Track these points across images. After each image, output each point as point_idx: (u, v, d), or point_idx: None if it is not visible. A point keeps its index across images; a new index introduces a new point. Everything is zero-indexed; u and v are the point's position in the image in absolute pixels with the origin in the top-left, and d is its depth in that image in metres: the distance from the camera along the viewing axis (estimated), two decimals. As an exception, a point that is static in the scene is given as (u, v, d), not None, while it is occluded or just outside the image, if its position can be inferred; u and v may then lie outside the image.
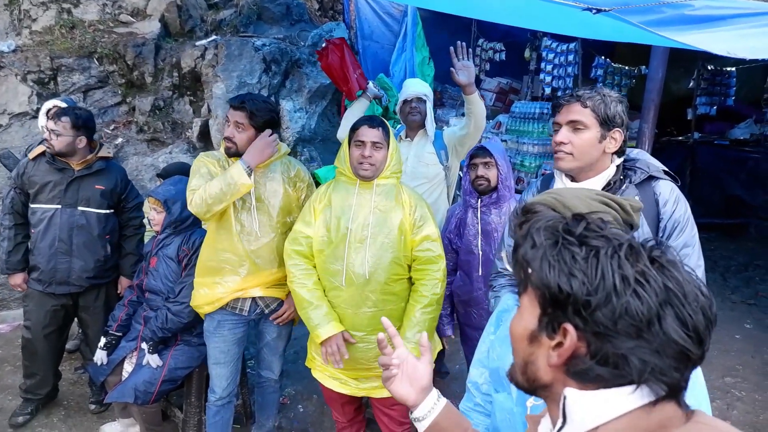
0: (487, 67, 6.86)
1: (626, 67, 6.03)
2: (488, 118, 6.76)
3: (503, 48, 6.51)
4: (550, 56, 5.78)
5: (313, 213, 2.24)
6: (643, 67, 5.43)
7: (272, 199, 2.42)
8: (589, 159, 1.61)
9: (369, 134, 2.13)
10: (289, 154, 2.59)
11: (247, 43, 5.95)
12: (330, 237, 2.17)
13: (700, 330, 0.65)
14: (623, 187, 1.62)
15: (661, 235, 1.61)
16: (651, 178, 1.63)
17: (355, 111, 3.24)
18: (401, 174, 2.27)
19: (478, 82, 7.25)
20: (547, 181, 1.83)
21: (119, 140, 5.74)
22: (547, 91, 5.87)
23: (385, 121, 2.25)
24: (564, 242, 0.70)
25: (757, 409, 3.24)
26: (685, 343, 0.65)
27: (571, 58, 5.57)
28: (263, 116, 2.32)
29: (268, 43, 6.08)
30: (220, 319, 2.47)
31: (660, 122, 4.53)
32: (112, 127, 5.84)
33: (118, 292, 3.18)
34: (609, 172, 1.63)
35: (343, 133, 3.15)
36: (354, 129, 2.19)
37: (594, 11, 1.86)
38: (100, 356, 2.77)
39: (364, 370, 2.24)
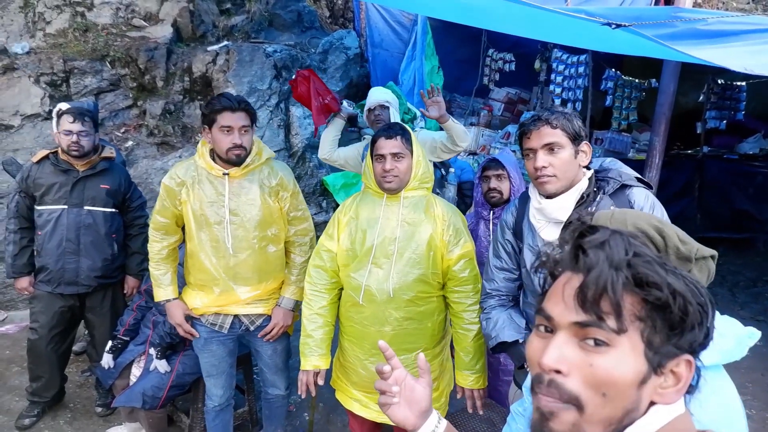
0: (497, 77, 6.87)
1: (636, 80, 6.03)
2: (497, 128, 6.80)
3: (513, 59, 6.52)
4: (561, 68, 5.78)
5: (337, 226, 2.13)
6: (653, 80, 5.42)
7: (248, 213, 2.24)
8: (571, 176, 1.64)
9: (387, 146, 1.99)
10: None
11: (258, 49, 5.99)
12: (355, 251, 2.06)
13: None
14: (597, 198, 1.63)
15: None
16: (624, 186, 1.64)
17: (330, 131, 3.34)
18: (432, 183, 2.12)
19: (487, 91, 7.27)
20: (524, 200, 1.83)
21: (129, 143, 5.77)
22: (557, 102, 5.87)
23: (407, 126, 2.10)
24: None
25: None
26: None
27: (581, 70, 5.56)
28: (254, 111, 2.26)
29: (279, 49, 6.12)
30: (206, 336, 2.40)
31: (668, 136, 4.52)
32: (122, 130, 5.88)
33: (125, 292, 3.19)
34: (582, 185, 1.65)
35: (323, 152, 3.31)
36: (373, 141, 2.06)
37: (613, 26, 1.86)
38: (106, 360, 2.77)
39: None
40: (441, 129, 2.97)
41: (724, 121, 6.48)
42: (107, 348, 2.80)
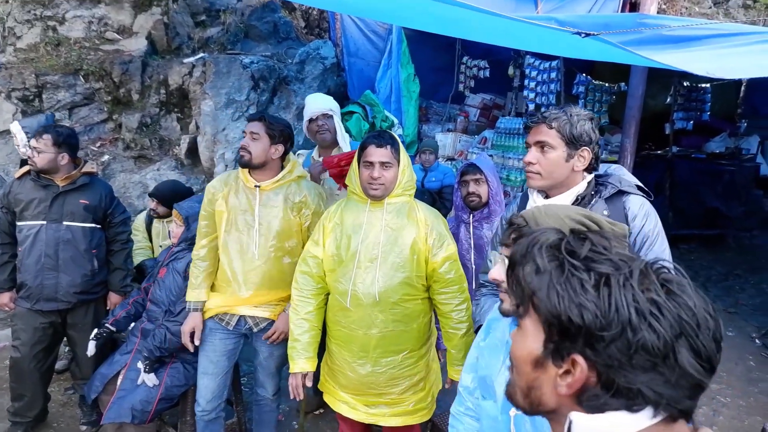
0: (472, 83, 7.01)
1: (606, 84, 6.21)
2: (473, 133, 6.91)
3: (487, 65, 6.67)
4: (533, 73, 5.93)
5: (322, 232, 2.19)
6: (623, 84, 5.60)
7: (271, 223, 2.42)
8: (558, 177, 1.66)
9: (377, 154, 2.03)
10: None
11: (235, 61, 6.00)
12: (340, 256, 2.11)
13: (713, 358, 0.63)
14: (593, 201, 1.67)
15: None
16: (622, 192, 1.67)
17: None
18: (414, 190, 2.17)
19: (462, 98, 7.39)
20: (526, 198, 1.88)
21: (105, 157, 5.71)
22: (531, 107, 6.02)
23: (395, 136, 2.14)
24: (570, 267, 0.66)
25: (742, 414, 3.33)
26: (699, 375, 0.62)
27: (553, 75, 5.72)
28: (278, 127, 2.39)
29: (256, 60, 6.14)
30: (212, 326, 2.51)
31: (639, 137, 4.68)
32: (98, 144, 5.81)
33: (107, 308, 3.16)
34: (579, 188, 1.68)
35: None
36: (362, 148, 2.09)
37: (583, 35, 1.95)
38: (90, 348, 2.75)
39: (374, 396, 2.18)
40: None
41: (691, 122, 6.72)
42: (92, 335, 2.77)
